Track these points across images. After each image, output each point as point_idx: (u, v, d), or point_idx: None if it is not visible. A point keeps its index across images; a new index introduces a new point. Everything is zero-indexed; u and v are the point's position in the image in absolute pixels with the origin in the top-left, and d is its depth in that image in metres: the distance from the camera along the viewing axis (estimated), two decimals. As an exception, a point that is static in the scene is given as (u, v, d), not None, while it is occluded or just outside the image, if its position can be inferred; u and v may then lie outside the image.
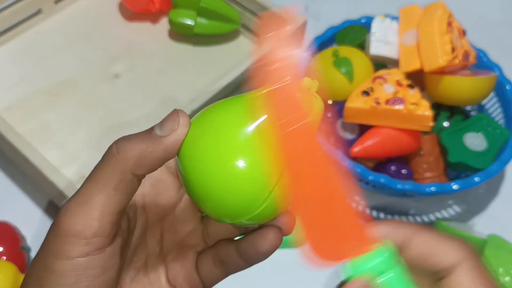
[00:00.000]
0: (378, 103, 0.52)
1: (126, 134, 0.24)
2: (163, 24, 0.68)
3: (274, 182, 0.22)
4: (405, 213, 0.58)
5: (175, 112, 0.24)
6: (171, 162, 0.28)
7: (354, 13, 0.64)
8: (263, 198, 0.23)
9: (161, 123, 0.24)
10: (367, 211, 0.58)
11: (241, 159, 0.22)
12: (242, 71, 0.56)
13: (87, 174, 0.24)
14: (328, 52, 0.58)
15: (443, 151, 0.55)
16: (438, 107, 0.57)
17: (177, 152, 0.24)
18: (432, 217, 0.58)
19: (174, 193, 0.29)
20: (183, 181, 0.24)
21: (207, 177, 0.23)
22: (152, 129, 0.24)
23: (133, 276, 0.27)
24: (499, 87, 0.59)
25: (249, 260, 0.26)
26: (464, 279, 0.25)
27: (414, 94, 0.52)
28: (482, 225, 0.57)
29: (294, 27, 0.55)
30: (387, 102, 0.52)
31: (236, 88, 0.57)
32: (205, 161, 0.23)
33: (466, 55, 0.55)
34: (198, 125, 0.24)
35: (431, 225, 0.57)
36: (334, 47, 0.60)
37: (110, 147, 0.24)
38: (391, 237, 0.27)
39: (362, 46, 0.60)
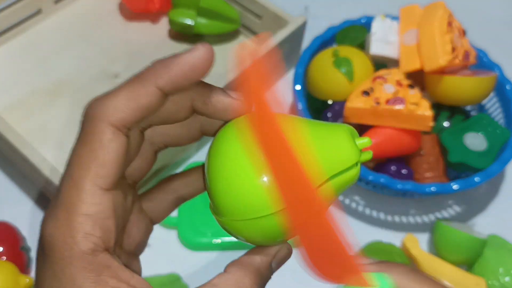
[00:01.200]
0: (378, 103, 0.52)
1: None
2: (163, 24, 0.68)
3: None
4: (405, 213, 0.58)
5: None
6: None
7: (354, 13, 0.64)
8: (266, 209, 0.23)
9: None
10: (367, 212, 0.58)
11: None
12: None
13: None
14: (328, 52, 0.58)
15: (443, 151, 0.55)
16: (438, 107, 0.57)
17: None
18: (432, 217, 0.58)
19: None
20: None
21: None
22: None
23: None
24: (499, 87, 0.59)
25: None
26: None
27: (414, 94, 0.52)
28: (482, 225, 0.57)
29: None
30: (387, 102, 0.52)
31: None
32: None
33: (466, 55, 0.55)
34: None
35: (430, 227, 0.57)
36: (334, 47, 0.60)
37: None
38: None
39: (362, 46, 0.60)
